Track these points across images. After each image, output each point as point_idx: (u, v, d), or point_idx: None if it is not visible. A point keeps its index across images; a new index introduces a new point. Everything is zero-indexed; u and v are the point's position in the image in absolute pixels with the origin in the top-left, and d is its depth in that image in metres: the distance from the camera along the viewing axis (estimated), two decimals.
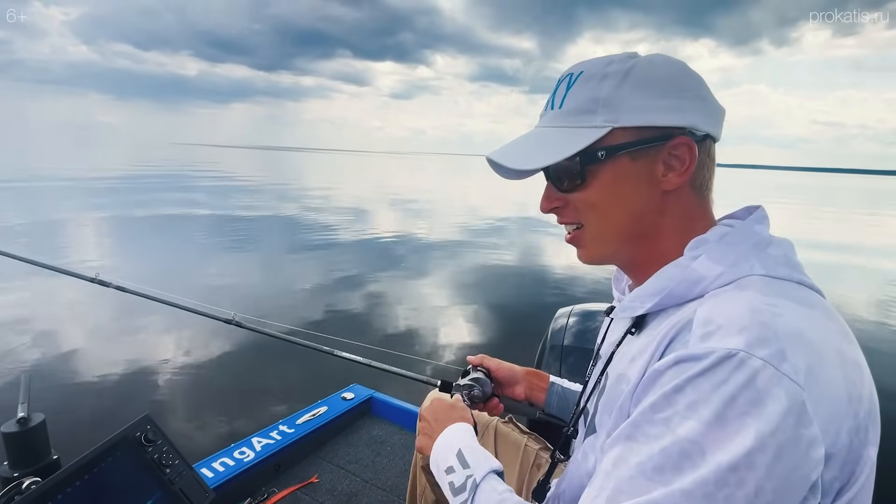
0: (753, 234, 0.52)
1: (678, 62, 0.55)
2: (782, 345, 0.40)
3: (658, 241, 0.56)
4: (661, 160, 0.53)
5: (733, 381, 0.39)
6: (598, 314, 1.56)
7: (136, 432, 0.92)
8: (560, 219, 0.61)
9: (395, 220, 11.10)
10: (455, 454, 0.66)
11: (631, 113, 0.52)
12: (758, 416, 0.38)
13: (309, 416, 1.74)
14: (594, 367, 0.70)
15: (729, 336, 0.41)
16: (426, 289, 5.29)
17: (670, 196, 0.55)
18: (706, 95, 0.55)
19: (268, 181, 22.70)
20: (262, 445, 1.54)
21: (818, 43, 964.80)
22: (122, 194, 13.56)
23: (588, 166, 0.54)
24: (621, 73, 0.53)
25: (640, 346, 0.52)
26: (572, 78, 0.56)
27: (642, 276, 0.57)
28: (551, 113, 0.58)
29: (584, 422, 0.65)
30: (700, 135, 0.54)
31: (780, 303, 0.44)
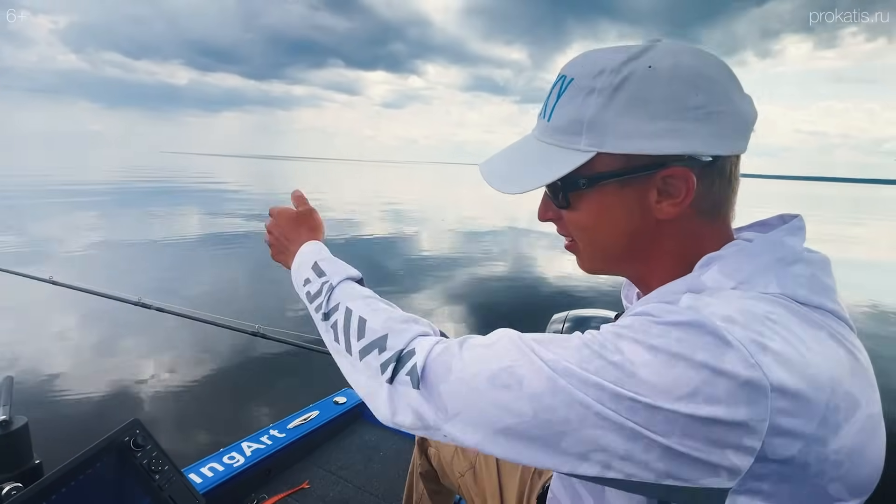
0: (779, 248, 0.45)
1: (691, 66, 0.45)
2: (766, 344, 0.36)
3: (659, 262, 0.52)
4: (655, 187, 0.47)
5: (702, 340, 0.36)
6: (593, 320, 1.55)
7: (124, 437, 0.89)
8: (557, 229, 0.58)
9: (392, 225, 11.08)
10: (311, 266, 0.64)
11: (618, 139, 0.45)
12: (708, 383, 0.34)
13: (300, 420, 1.71)
14: None
15: (713, 314, 0.37)
16: (419, 293, 5.27)
17: (667, 224, 0.49)
18: (717, 112, 0.45)
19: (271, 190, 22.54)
20: (253, 450, 1.52)
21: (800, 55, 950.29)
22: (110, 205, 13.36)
23: (570, 193, 0.50)
24: (610, 88, 0.45)
25: None
26: (564, 82, 0.49)
27: (649, 290, 0.54)
28: (542, 123, 0.53)
29: None
30: (704, 160, 0.45)
31: (781, 315, 0.39)
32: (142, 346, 3.42)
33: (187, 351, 3.36)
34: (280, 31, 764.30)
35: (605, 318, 1.57)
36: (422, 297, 5.14)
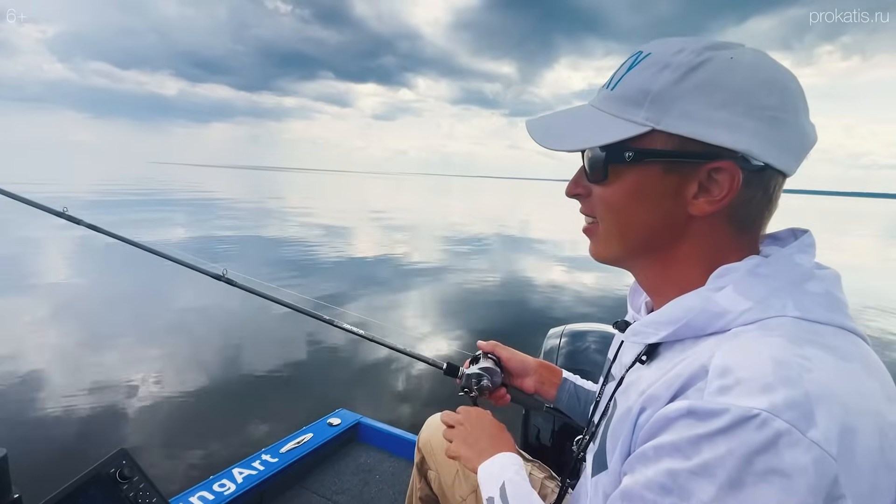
0: (792, 267, 0.45)
1: (772, 68, 0.45)
2: (811, 406, 0.35)
3: (675, 267, 0.51)
4: (697, 180, 0.46)
5: (752, 442, 0.34)
6: (589, 335, 1.54)
7: (110, 468, 0.85)
8: (581, 207, 0.56)
9: (383, 236, 11.05)
10: (499, 487, 0.66)
11: (678, 118, 0.44)
12: (779, 486, 0.33)
13: (293, 443, 1.66)
14: (605, 385, 0.67)
15: (750, 394, 0.36)
16: (413, 306, 5.23)
17: (696, 221, 0.48)
18: (785, 120, 0.44)
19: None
20: (244, 477, 1.46)
21: None
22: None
23: (611, 164, 0.48)
24: (686, 66, 0.44)
25: (650, 380, 0.47)
26: (638, 58, 0.48)
27: (658, 298, 0.54)
28: (603, 93, 0.51)
29: (594, 444, 0.62)
30: (756, 164, 0.44)
31: (812, 354, 0.38)
32: (123, 362, 3.32)
33: (173, 369, 3.28)
34: (271, 43, 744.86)
35: (601, 332, 1.56)
36: (416, 310, 5.10)
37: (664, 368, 0.46)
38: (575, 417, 0.89)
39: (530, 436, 1.35)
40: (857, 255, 12.79)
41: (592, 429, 0.65)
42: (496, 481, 0.67)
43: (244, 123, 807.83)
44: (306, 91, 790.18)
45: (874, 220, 32.35)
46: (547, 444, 1.30)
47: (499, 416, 0.86)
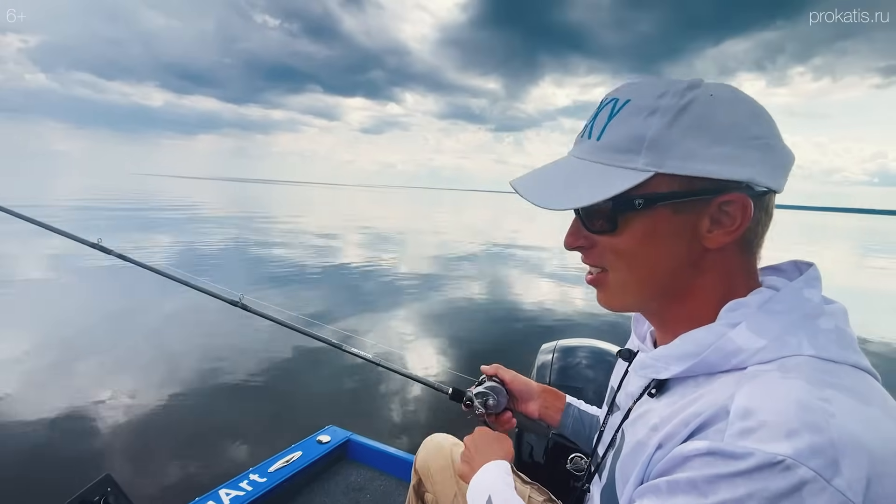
0: (802, 302, 0.46)
1: (748, 100, 0.46)
2: (836, 453, 0.34)
3: (689, 300, 0.50)
4: (709, 215, 0.46)
5: (776, 488, 0.34)
6: (580, 350, 1.55)
7: (94, 496, 0.82)
8: (584, 258, 0.55)
9: (370, 249, 11.00)
10: (485, 501, 0.67)
11: (679, 159, 0.45)
12: None
13: (282, 462, 1.62)
14: (609, 415, 0.66)
15: (774, 439, 0.35)
16: (402, 320, 5.20)
17: (711, 254, 0.48)
18: (775, 144, 0.46)
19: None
20: (231, 498, 1.42)
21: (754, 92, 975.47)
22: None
23: (622, 213, 0.48)
24: (674, 109, 0.45)
25: (664, 415, 0.47)
26: (616, 105, 0.48)
27: (669, 331, 0.53)
28: (588, 143, 0.51)
29: (600, 477, 0.61)
30: (759, 190, 0.46)
31: (833, 397, 0.38)
32: (106, 379, 3.21)
33: (156, 387, 3.19)
34: (259, 56, 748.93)
35: (594, 348, 1.57)
36: (405, 325, 5.06)
37: (677, 404, 0.46)
38: (581, 443, 0.89)
39: (524, 454, 1.34)
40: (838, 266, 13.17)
41: (598, 460, 0.63)
42: (482, 495, 0.68)
43: (231, 135, 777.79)
44: (294, 104, 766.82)
45: (848, 234, 33.41)
46: (541, 462, 1.29)
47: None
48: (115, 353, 3.47)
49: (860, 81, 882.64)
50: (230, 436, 2.60)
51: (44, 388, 3.07)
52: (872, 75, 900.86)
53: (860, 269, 13.18)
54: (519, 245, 13.32)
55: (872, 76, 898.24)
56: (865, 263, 14.86)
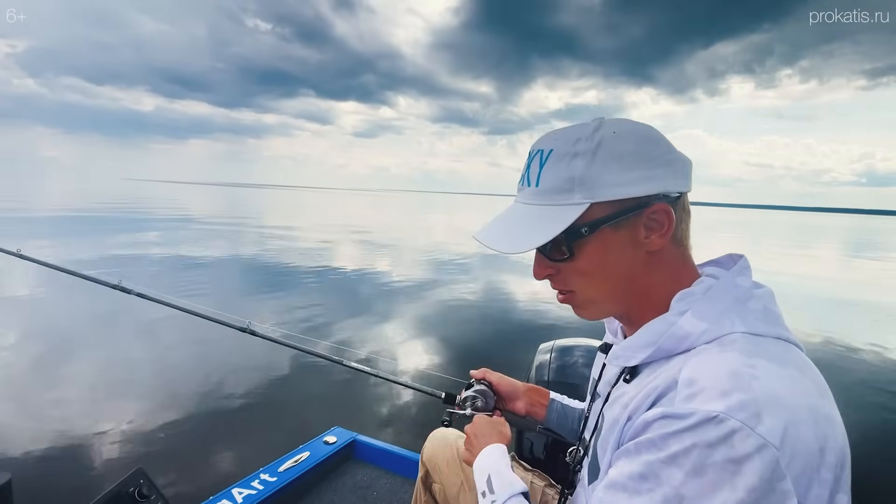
0: (735, 288, 0.55)
1: (643, 129, 0.57)
2: (759, 407, 0.43)
3: (648, 296, 0.59)
4: (642, 224, 0.56)
5: (712, 439, 0.42)
6: (577, 349, 1.62)
7: (129, 487, 0.88)
8: (553, 284, 0.64)
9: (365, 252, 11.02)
10: (486, 480, 0.74)
11: (606, 188, 0.55)
12: (734, 473, 0.41)
13: (291, 462, 1.67)
14: (592, 402, 0.75)
15: (711, 399, 0.44)
16: (398, 324, 5.24)
17: (654, 256, 0.58)
18: (674, 158, 0.57)
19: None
20: (244, 497, 1.47)
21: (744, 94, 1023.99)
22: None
23: (573, 241, 0.57)
24: (590, 151, 0.55)
25: (632, 395, 0.55)
26: (543, 155, 0.58)
27: (634, 325, 0.61)
28: (528, 190, 0.60)
29: (587, 459, 0.69)
30: (674, 196, 0.57)
31: (758, 364, 0.47)
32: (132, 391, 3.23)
33: (170, 386, 3.23)
34: (251, 61, 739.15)
35: (589, 346, 1.64)
36: (400, 332, 5.11)
37: (642, 384, 0.55)
38: (565, 434, 0.97)
39: (524, 449, 1.41)
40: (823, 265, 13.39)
41: (585, 444, 0.72)
42: (483, 475, 0.76)
43: (223, 140, 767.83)
44: (287, 108, 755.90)
45: (837, 233, 33.93)
46: (541, 457, 1.36)
47: None
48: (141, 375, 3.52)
49: (846, 83, 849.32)
50: (240, 439, 2.65)
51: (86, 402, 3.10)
52: (858, 77, 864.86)
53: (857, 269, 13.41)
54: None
55: (858, 78, 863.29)
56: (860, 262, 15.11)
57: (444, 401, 1.05)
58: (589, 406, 0.76)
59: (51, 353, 3.82)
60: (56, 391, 3.16)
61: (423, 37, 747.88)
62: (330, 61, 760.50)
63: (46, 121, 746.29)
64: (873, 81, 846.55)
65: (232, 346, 3.89)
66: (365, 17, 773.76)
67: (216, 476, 2.26)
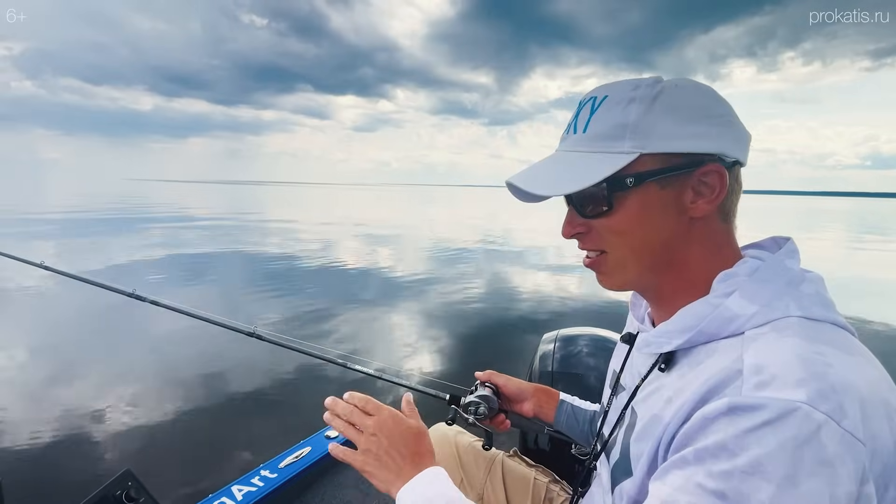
0: (786, 271, 0.50)
1: (707, 88, 0.53)
2: (840, 398, 0.38)
3: (684, 271, 0.54)
4: (691, 187, 0.51)
5: (800, 436, 0.36)
6: (581, 339, 1.58)
7: (116, 490, 0.85)
8: (581, 244, 0.58)
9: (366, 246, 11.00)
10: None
11: (660, 139, 0.50)
12: (827, 476, 0.36)
13: (292, 458, 1.65)
14: (614, 396, 0.68)
15: (787, 387, 0.38)
16: (401, 316, 5.22)
17: (698, 223, 0.52)
18: (735, 121, 0.52)
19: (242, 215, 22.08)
20: (244, 494, 1.45)
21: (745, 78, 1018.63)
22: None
23: (615, 193, 0.52)
24: (649, 97, 0.50)
25: (676, 387, 0.49)
26: (596, 102, 0.53)
27: (666, 307, 0.56)
28: (574, 137, 0.55)
29: (608, 456, 0.63)
30: (730, 161, 0.51)
31: (826, 351, 0.42)
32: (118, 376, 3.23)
33: (168, 383, 3.22)
34: (248, 57, 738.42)
35: (594, 336, 1.60)
36: (404, 319, 5.09)
37: (687, 375, 0.49)
38: (575, 437, 0.92)
39: (529, 441, 1.38)
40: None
41: (604, 440, 0.65)
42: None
43: (222, 138, 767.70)
44: (285, 104, 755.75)
45: (841, 217, 33.68)
46: (545, 449, 1.33)
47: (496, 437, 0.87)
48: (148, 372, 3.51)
49: (850, 65, 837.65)
50: (241, 437, 2.63)
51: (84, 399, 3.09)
52: (862, 59, 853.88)
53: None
54: (512, 241, 13.36)
55: (862, 59, 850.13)
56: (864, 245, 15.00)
57: (449, 403, 1.02)
58: (610, 399, 0.69)
59: (60, 357, 3.82)
60: (59, 392, 3.16)
61: (420, 28, 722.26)
62: (327, 55, 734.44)
63: (46, 123, 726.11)
64: (878, 62, 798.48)
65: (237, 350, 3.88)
66: (361, 9, 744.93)
67: (215, 475, 2.25)
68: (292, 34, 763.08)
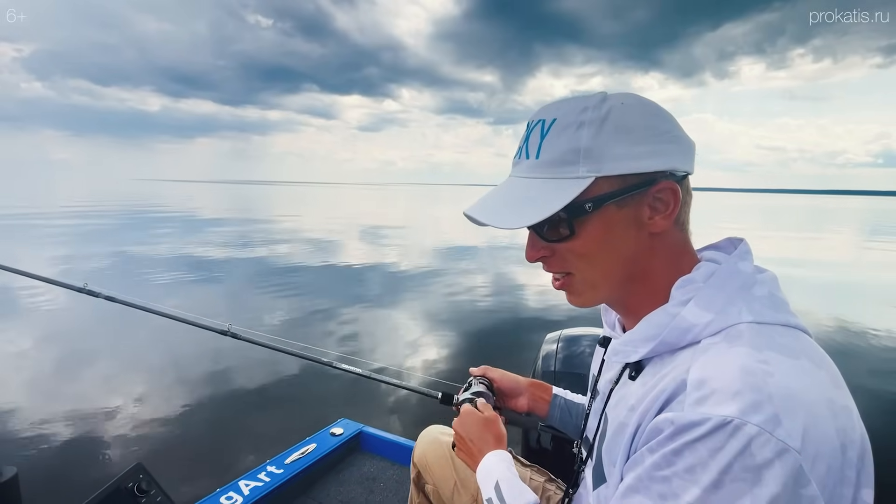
0: (738, 274, 0.52)
1: (651, 103, 0.53)
2: (776, 408, 0.40)
3: (648, 282, 0.55)
4: (647, 204, 0.52)
5: (729, 448, 0.39)
6: (584, 339, 1.59)
7: (128, 483, 0.87)
8: (547, 267, 0.59)
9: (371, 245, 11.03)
10: (493, 487, 0.70)
11: (613, 162, 0.50)
12: (755, 482, 0.38)
13: (297, 454, 1.68)
14: (592, 400, 0.71)
15: (723, 402, 0.41)
16: (404, 315, 5.24)
17: (657, 237, 0.54)
18: (680, 135, 0.54)
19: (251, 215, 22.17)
20: (251, 489, 1.47)
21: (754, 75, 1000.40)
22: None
23: (575, 218, 0.52)
24: (598, 120, 0.50)
25: (639, 396, 0.51)
26: (545, 125, 0.53)
27: (632, 316, 0.58)
28: (527, 162, 0.55)
29: (592, 459, 0.65)
30: (680, 175, 0.53)
31: (770, 358, 0.43)
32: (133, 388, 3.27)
33: (171, 382, 3.27)
34: (253, 58, 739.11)
35: (596, 336, 1.61)
36: (407, 320, 5.11)
37: (648, 383, 0.51)
38: (568, 432, 0.93)
39: (531, 440, 1.39)
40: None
41: (589, 444, 0.68)
42: (491, 481, 0.71)
43: (229, 138, 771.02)
44: (291, 104, 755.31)
45: (852, 216, 33.21)
46: (547, 448, 1.34)
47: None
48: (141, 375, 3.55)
49: (861, 61, 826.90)
50: (245, 433, 2.67)
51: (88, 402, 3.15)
52: (874, 55, 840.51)
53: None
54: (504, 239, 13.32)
55: (874, 56, 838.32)
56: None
57: (441, 401, 1.02)
58: (589, 404, 0.72)
59: (53, 359, 3.88)
60: (58, 392, 3.21)
61: (425, 27, 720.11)
62: (332, 55, 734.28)
63: (55, 124, 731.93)
64: (890, 58, 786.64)
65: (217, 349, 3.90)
66: (366, 8, 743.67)
67: (223, 471, 2.28)
68: (297, 34, 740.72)
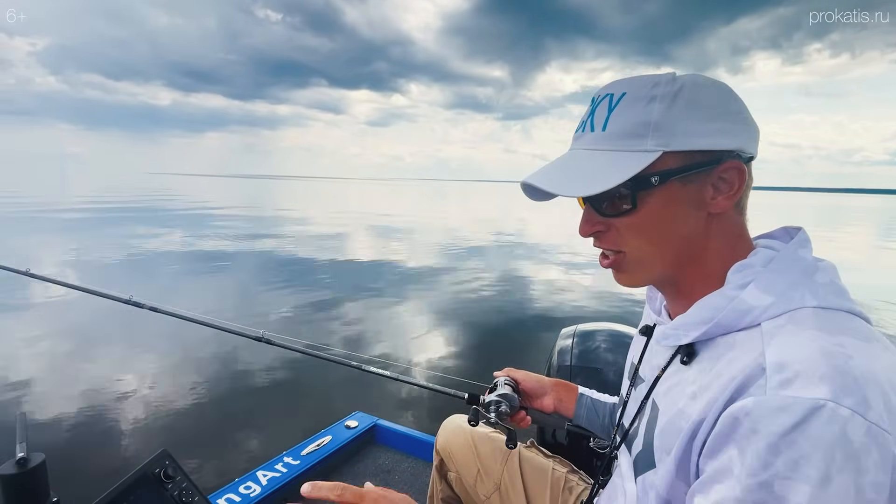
0: (799, 261, 0.51)
1: (722, 84, 0.53)
2: (864, 391, 0.38)
3: (702, 265, 0.55)
4: (711, 183, 0.52)
5: (829, 434, 0.37)
6: (599, 334, 1.59)
7: (155, 468, 0.88)
8: (599, 243, 0.58)
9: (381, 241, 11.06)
10: None
11: (683, 137, 0.50)
12: (853, 468, 0.36)
13: (314, 446, 1.69)
14: (633, 388, 0.69)
15: (811, 385, 0.39)
16: (418, 312, 5.25)
17: (716, 218, 0.53)
18: (749, 117, 0.53)
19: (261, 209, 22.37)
20: (269, 479, 1.49)
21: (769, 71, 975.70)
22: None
23: (639, 192, 0.52)
24: (670, 95, 0.50)
25: (701, 382, 0.49)
26: (613, 99, 0.53)
27: (683, 300, 0.56)
28: (591, 135, 0.54)
29: (629, 447, 0.63)
30: (746, 157, 0.52)
31: (845, 341, 0.42)
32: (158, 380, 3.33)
33: (193, 374, 3.32)
34: (263, 52, 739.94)
35: (612, 331, 1.61)
36: (423, 316, 5.12)
37: (711, 369, 0.49)
38: (595, 431, 0.92)
39: (546, 433, 1.39)
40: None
41: (624, 430, 0.66)
42: None
43: (238, 132, 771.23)
44: (300, 99, 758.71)
45: (868, 215, 32.58)
46: (563, 442, 1.34)
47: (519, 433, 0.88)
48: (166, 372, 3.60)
49: (880, 56, 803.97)
50: (262, 428, 2.70)
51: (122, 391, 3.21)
52: (893, 50, 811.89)
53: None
54: (526, 237, 13.28)
55: (893, 51, 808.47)
56: None
57: (468, 402, 1.02)
58: (629, 390, 0.70)
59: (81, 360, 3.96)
60: (85, 389, 3.28)
61: (434, 21, 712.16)
62: (341, 50, 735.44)
63: (69, 118, 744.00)
64: None
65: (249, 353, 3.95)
66: (375, 2, 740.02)
67: (242, 461, 2.32)
68: (307, 28, 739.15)
